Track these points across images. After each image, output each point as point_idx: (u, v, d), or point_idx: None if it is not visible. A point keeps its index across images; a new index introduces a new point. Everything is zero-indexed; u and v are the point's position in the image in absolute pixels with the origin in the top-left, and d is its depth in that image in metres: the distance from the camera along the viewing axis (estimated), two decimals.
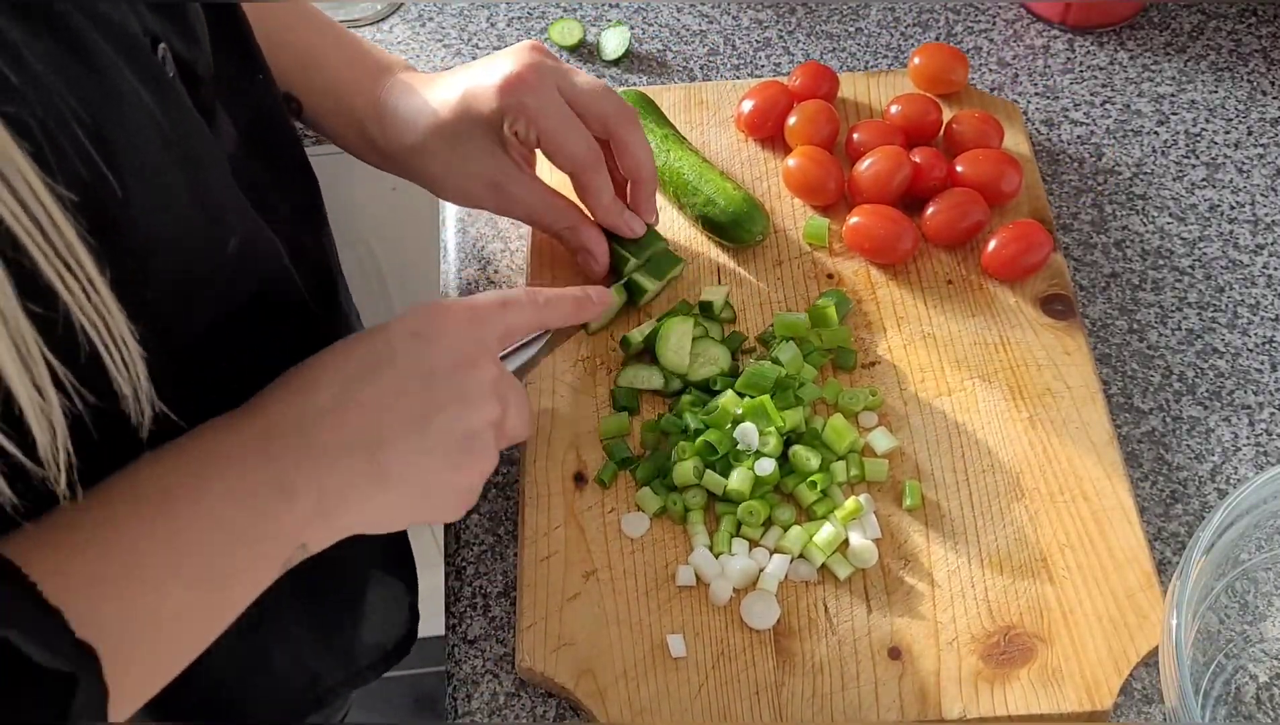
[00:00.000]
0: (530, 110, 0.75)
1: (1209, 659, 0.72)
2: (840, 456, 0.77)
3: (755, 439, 0.75)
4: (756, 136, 0.94)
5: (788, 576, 0.74)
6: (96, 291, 0.45)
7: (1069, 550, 0.74)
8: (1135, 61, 1.03)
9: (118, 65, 0.48)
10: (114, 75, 0.48)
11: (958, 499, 0.76)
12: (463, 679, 0.74)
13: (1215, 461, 0.80)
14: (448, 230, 0.94)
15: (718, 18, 1.07)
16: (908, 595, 0.73)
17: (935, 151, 0.89)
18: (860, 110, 0.96)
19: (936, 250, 0.88)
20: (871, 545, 0.73)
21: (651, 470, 0.77)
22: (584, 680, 0.70)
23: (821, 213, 0.90)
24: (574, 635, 0.72)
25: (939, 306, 0.85)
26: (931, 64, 0.96)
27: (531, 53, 0.76)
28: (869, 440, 0.78)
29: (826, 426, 0.77)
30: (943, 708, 0.69)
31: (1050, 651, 0.70)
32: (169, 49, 0.55)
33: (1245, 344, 0.86)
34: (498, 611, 0.76)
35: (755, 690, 0.70)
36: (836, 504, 0.75)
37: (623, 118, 0.78)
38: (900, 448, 0.78)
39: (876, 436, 0.78)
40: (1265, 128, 0.98)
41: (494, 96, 0.75)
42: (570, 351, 0.83)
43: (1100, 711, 0.69)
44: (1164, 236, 0.91)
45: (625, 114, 0.78)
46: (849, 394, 0.80)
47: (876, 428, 0.79)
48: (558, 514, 0.76)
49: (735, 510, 0.75)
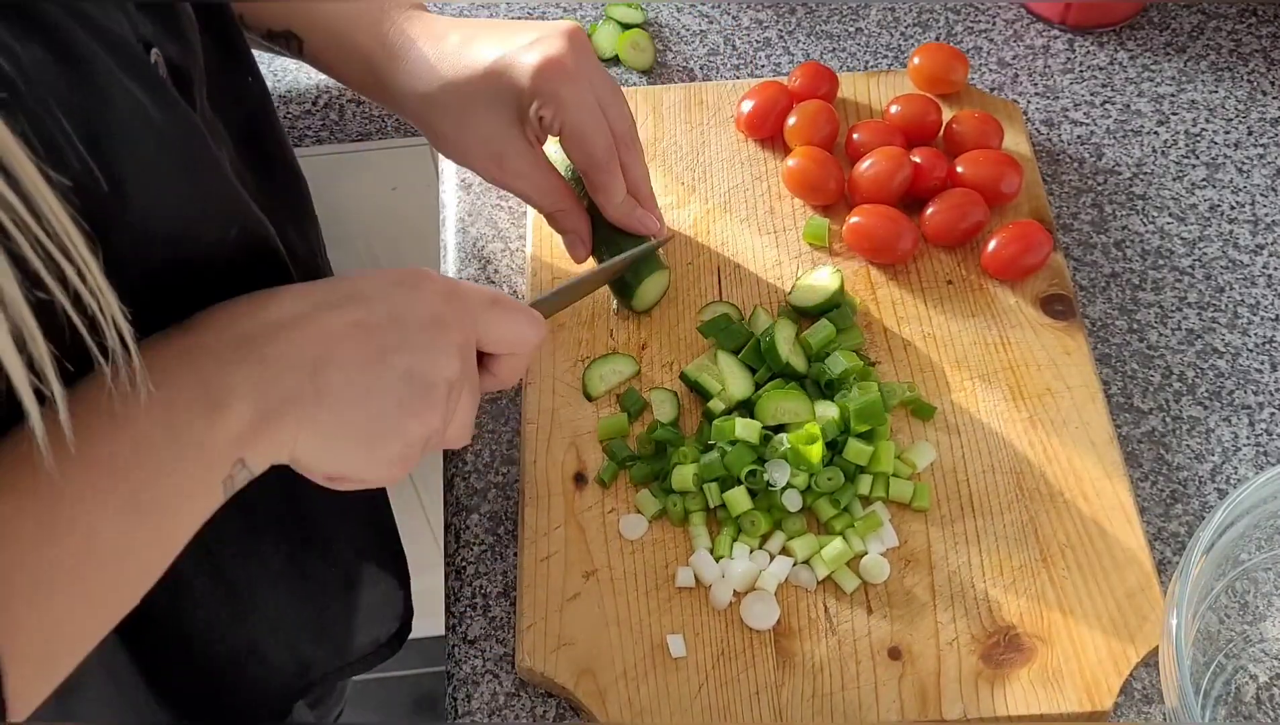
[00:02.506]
0: (563, 100, 0.74)
1: (1209, 659, 0.72)
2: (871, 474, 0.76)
3: (786, 477, 0.75)
4: (756, 137, 0.94)
5: (788, 579, 0.74)
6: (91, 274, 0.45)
7: (1069, 550, 0.74)
8: (1135, 61, 1.03)
9: (110, 68, 0.48)
10: (105, 77, 0.48)
11: (958, 499, 0.76)
12: (463, 679, 0.74)
13: (1215, 461, 0.80)
14: (448, 230, 0.94)
15: (718, 18, 1.07)
16: (908, 595, 0.73)
17: (935, 151, 0.89)
18: (860, 110, 0.96)
19: (936, 250, 0.88)
20: (884, 562, 0.73)
21: (647, 473, 0.77)
22: (584, 680, 0.70)
23: (821, 213, 0.90)
24: (574, 635, 0.72)
25: (939, 306, 0.85)
26: (931, 64, 0.96)
27: (574, 39, 0.75)
28: (910, 455, 0.78)
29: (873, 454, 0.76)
30: (943, 708, 0.69)
31: (1050, 652, 0.70)
32: (161, 54, 0.55)
33: (1245, 344, 0.86)
34: (498, 611, 0.76)
35: (755, 690, 0.70)
36: (855, 518, 0.75)
37: (629, 138, 0.78)
38: (902, 450, 0.78)
39: (920, 449, 0.78)
40: (1265, 128, 0.98)
41: (529, 76, 0.73)
42: (570, 351, 0.83)
43: (1100, 712, 0.69)
44: (1164, 236, 0.91)
45: (632, 134, 0.79)
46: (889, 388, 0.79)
47: (920, 442, 0.78)
48: (558, 514, 0.76)
49: (735, 519, 0.75)
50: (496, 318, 0.62)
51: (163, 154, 0.51)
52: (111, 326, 0.46)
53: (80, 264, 0.44)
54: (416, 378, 0.57)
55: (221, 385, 0.52)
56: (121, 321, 0.47)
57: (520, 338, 0.64)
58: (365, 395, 0.56)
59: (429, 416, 0.58)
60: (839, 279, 0.83)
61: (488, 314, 0.62)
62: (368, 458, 0.57)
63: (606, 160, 0.77)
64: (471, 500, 0.81)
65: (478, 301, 0.62)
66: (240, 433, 0.52)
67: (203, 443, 0.52)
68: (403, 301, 0.58)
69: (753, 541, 0.75)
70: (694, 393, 0.81)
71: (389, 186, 1.19)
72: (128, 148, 0.49)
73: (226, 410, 0.52)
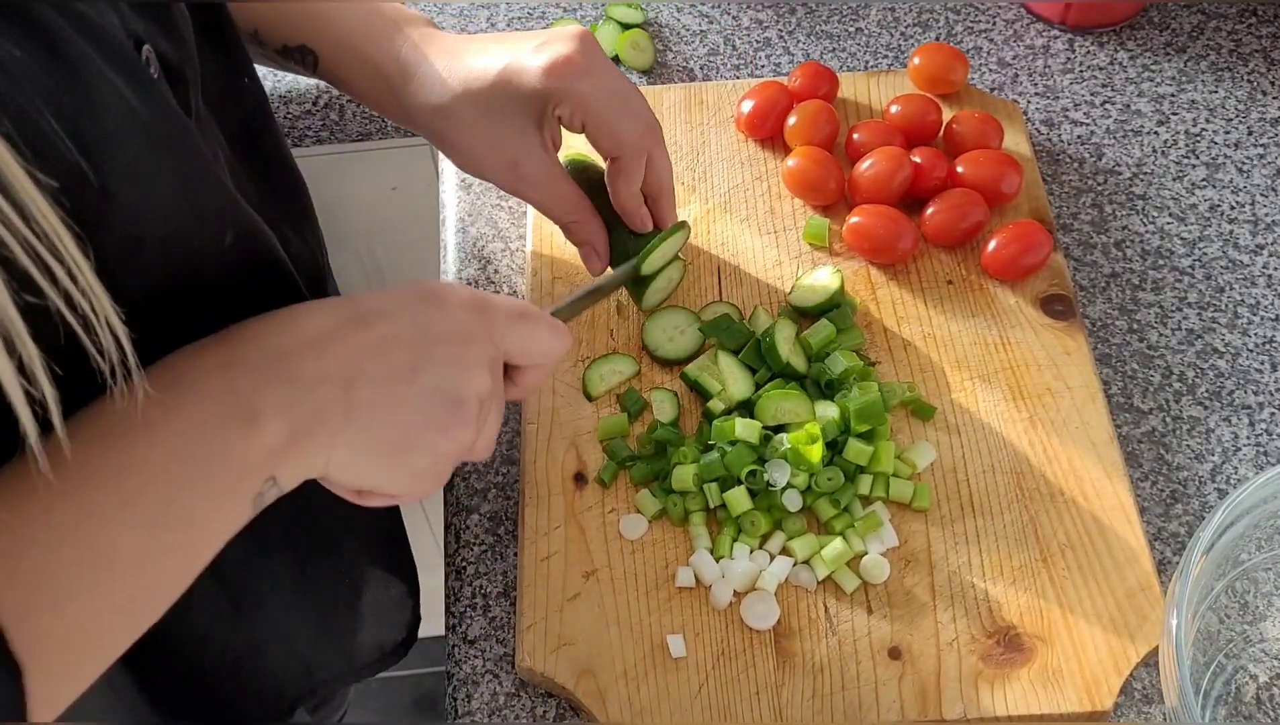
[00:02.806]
0: (581, 94, 0.74)
1: (1209, 659, 0.72)
2: (871, 474, 0.76)
3: (786, 477, 0.75)
4: (756, 137, 0.94)
5: (788, 579, 0.74)
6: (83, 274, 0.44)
7: (1069, 550, 0.74)
8: (1135, 61, 1.03)
9: (97, 65, 0.48)
10: (92, 74, 0.48)
11: (958, 499, 0.76)
12: (463, 679, 0.74)
13: (1215, 461, 0.80)
14: (448, 230, 0.94)
15: (718, 18, 1.07)
16: (908, 596, 0.73)
17: (936, 151, 0.89)
18: (860, 110, 0.96)
19: (936, 250, 0.88)
20: (884, 562, 0.73)
21: (647, 473, 0.77)
22: (584, 680, 0.70)
23: (821, 213, 0.90)
24: (574, 635, 0.72)
25: (939, 306, 0.85)
26: (931, 64, 0.96)
27: (583, 39, 0.75)
28: (910, 455, 0.78)
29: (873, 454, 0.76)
30: (943, 708, 0.69)
31: (1050, 652, 0.70)
32: (153, 50, 0.54)
33: (1245, 344, 0.86)
34: (498, 611, 0.76)
35: (755, 690, 0.70)
36: (855, 518, 0.75)
37: (656, 128, 0.78)
38: (903, 450, 0.78)
39: (921, 449, 0.78)
40: (1265, 128, 0.98)
41: (541, 77, 0.73)
42: (570, 351, 0.83)
43: (1100, 712, 0.69)
44: (1164, 236, 0.91)
45: (656, 126, 0.78)
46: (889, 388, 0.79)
47: (920, 442, 0.78)
48: (558, 514, 0.76)
49: (735, 519, 0.75)
50: (523, 330, 0.62)
51: (151, 152, 0.51)
52: (105, 328, 0.46)
53: (70, 264, 0.44)
54: (447, 394, 0.57)
55: (254, 402, 0.52)
56: (116, 322, 0.46)
57: (546, 350, 0.64)
58: (395, 412, 0.56)
59: (459, 432, 0.58)
60: (839, 279, 0.83)
61: (514, 327, 0.61)
62: (398, 473, 0.58)
63: (637, 145, 0.77)
64: (471, 500, 0.81)
65: (504, 315, 0.61)
66: (273, 449, 0.52)
67: (235, 458, 0.52)
68: (430, 317, 0.58)
69: (753, 541, 0.75)
70: (694, 393, 0.81)
71: (389, 186, 1.19)
72: (115, 146, 0.49)
73: (259, 427, 0.52)
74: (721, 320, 0.82)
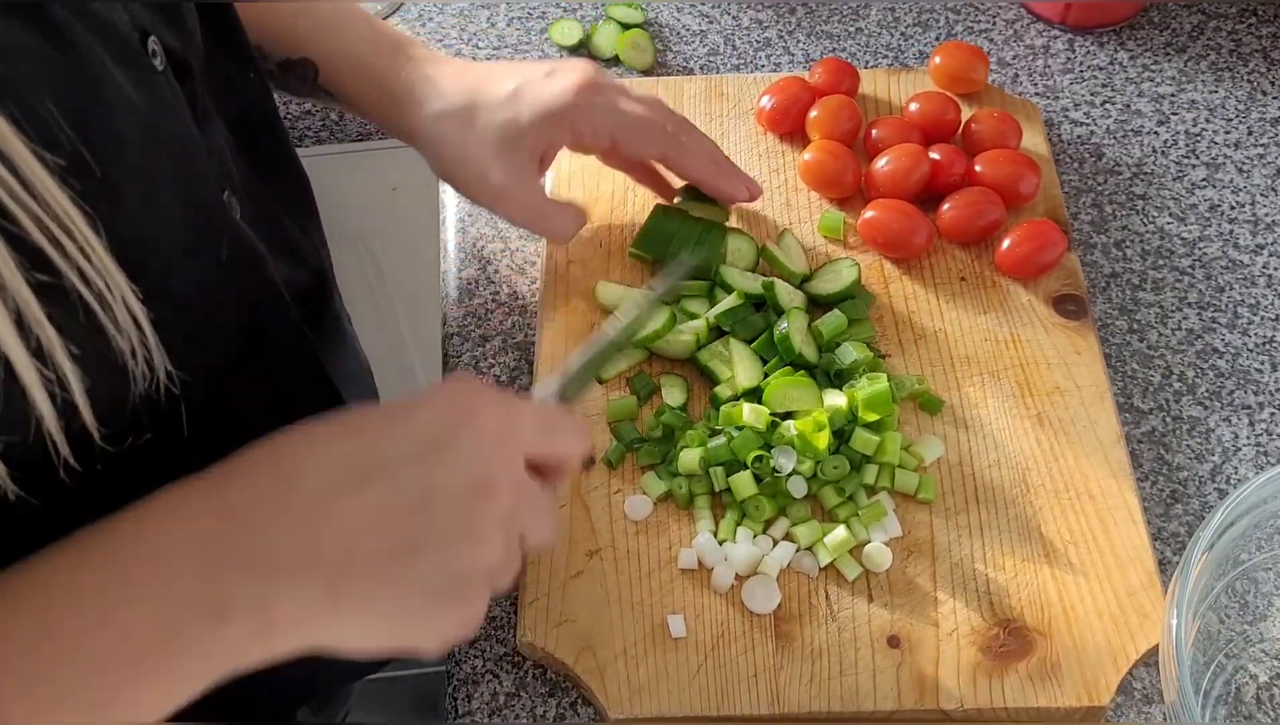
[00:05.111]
0: (599, 108, 0.79)
1: (1209, 659, 0.72)
2: (877, 464, 0.77)
3: (792, 463, 0.75)
4: (777, 132, 0.95)
5: (790, 565, 0.74)
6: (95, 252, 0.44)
7: (1072, 547, 0.74)
8: (1135, 61, 1.03)
9: (100, 56, 0.48)
10: (95, 65, 0.48)
11: (963, 492, 0.76)
12: (463, 679, 0.74)
13: (1215, 461, 0.80)
14: (448, 230, 0.95)
15: (718, 18, 1.07)
16: (909, 585, 0.73)
17: (954, 149, 0.90)
18: (879, 107, 0.97)
19: (951, 247, 0.88)
20: (887, 551, 0.74)
21: (654, 455, 0.78)
22: (583, 657, 0.71)
23: (837, 206, 0.91)
24: (575, 612, 0.72)
25: (951, 302, 0.85)
26: (952, 63, 0.96)
27: (592, 67, 0.80)
28: (918, 448, 0.78)
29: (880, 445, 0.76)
30: (940, 698, 0.69)
31: (1050, 646, 0.71)
32: (159, 42, 0.55)
33: (1245, 344, 0.86)
34: (498, 611, 0.76)
35: (754, 673, 0.70)
36: (859, 507, 0.75)
37: (684, 122, 0.81)
38: (910, 443, 0.78)
39: (928, 443, 0.78)
40: (1265, 128, 0.98)
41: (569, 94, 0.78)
42: (583, 334, 0.84)
43: (1097, 708, 0.69)
44: (1164, 236, 0.91)
45: (683, 120, 0.81)
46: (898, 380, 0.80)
47: (927, 436, 0.79)
48: (563, 492, 0.77)
49: (740, 504, 0.75)
50: (548, 447, 0.57)
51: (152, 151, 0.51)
52: (122, 306, 0.45)
53: (82, 241, 0.43)
54: (449, 574, 0.52)
55: (226, 596, 0.49)
56: (133, 300, 0.46)
57: (567, 458, 0.59)
58: (391, 599, 0.52)
59: (462, 611, 0.54)
60: (857, 271, 0.84)
61: (539, 448, 0.57)
62: (400, 645, 0.54)
63: (671, 140, 0.79)
64: None
65: (529, 438, 0.56)
66: (239, 643, 0.50)
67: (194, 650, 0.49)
68: (437, 470, 0.52)
69: (756, 527, 0.75)
70: (703, 378, 0.81)
71: (389, 186, 1.19)
72: (114, 134, 0.48)
73: (227, 622, 0.49)
74: (737, 310, 0.82)
